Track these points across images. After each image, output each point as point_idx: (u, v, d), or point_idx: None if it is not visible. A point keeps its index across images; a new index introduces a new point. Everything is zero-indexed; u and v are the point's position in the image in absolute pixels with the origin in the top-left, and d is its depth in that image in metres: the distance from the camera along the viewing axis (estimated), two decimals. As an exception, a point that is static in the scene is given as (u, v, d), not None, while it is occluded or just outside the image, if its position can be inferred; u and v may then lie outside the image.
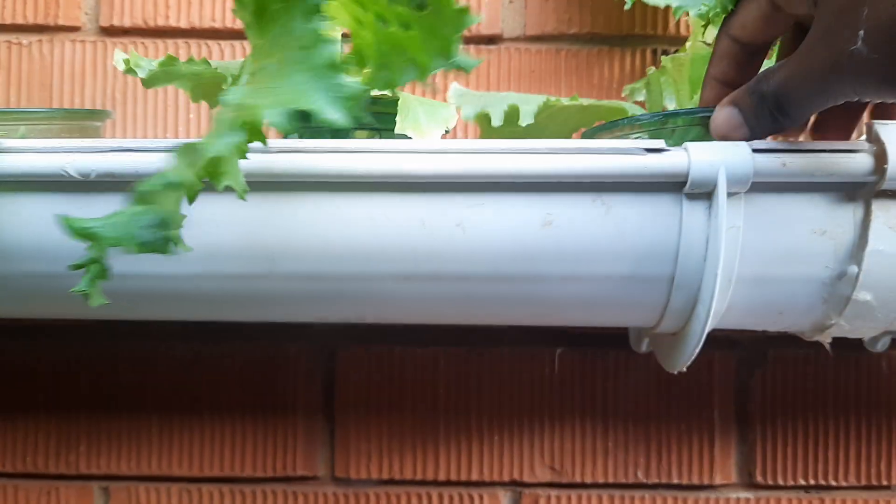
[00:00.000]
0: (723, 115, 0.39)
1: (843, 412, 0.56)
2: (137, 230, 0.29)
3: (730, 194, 0.39)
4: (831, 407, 0.56)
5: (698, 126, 0.43)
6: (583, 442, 0.57)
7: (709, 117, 0.43)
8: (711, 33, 0.48)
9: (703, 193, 0.39)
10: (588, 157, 0.39)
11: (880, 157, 0.39)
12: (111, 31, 0.58)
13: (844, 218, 0.40)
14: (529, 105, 0.46)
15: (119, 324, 0.56)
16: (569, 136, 0.50)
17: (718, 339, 0.56)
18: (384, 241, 0.40)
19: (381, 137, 0.43)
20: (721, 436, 0.57)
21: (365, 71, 0.38)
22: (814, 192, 0.40)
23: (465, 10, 0.34)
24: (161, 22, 0.58)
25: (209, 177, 0.32)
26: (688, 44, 0.51)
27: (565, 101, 0.46)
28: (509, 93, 0.51)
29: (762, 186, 0.39)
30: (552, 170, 0.39)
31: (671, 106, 0.51)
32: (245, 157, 0.32)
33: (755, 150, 0.39)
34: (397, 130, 0.39)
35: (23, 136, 0.41)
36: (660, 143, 0.39)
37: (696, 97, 0.49)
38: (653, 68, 0.51)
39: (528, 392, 0.57)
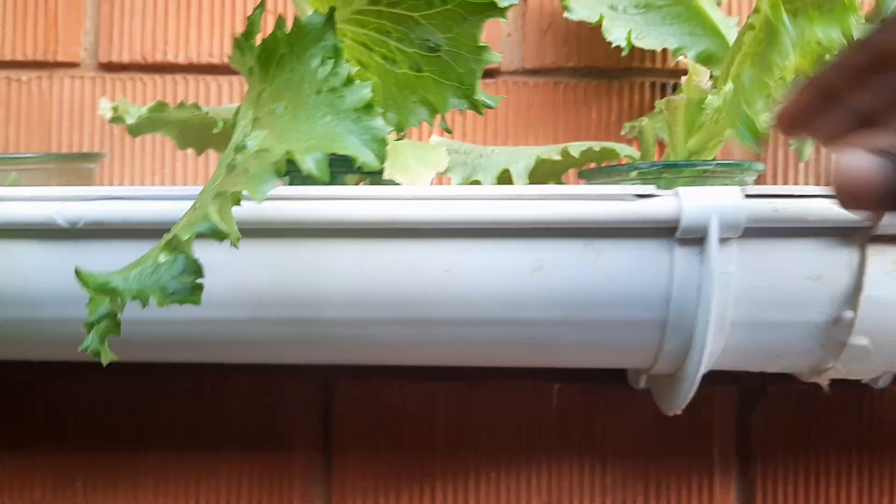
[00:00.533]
0: (862, 167, 0.27)
1: (844, 448, 0.56)
2: (166, 281, 0.29)
3: (722, 239, 0.39)
4: (833, 443, 0.56)
5: (698, 178, 0.43)
6: (581, 479, 0.56)
7: (708, 169, 0.42)
8: (706, 75, 0.48)
9: (696, 239, 0.39)
10: (578, 202, 0.39)
11: (875, 202, 0.38)
12: (110, 67, 0.58)
13: (839, 263, 0.39)
14: (520, 164, 0.46)
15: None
16: (560, 176, 0.50)
17: (718, 375, 0.55)
18: (373, 287, 0.39)
19: (371, 182, 0.43)
20: (721, 472, 0.56)
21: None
22: (808, 238, 0.39)
23: (486, 47, 0.34)
24: (159, 58, 0.58)
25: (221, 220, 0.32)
26: (682, 79, 0.50)
27: (556, 156, 0.46)
28: (494, 147, 0.51)
29: (755, 231, 0.39)
30: (542, 216, 0.39)
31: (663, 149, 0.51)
32: (239, 205, 0.32)
33: (747, 196, 0.38)
34: (386, 176, 0.39)
35: (14, 182, 0.41)
36: (650, 189, 0.39)
37: (692, 141, 0.48)
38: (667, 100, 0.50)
39: (527, 428, 0.56)
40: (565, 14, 0.53)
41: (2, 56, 0.58)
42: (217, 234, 0.29)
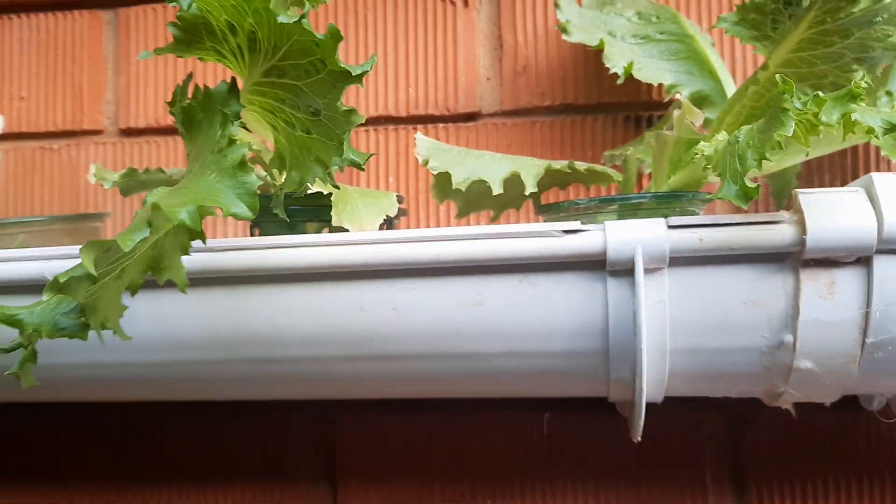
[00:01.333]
0: None
1: (841, 469, 0.55)
2: (58, 317, 0.33)
3: (649, 269, 0.40)
4: (829, 465, 0.55)
5: (638, 210, 0.44)
6: (573, 506, 0.57)
7: (646, 202, 0.44)
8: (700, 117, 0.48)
9: (625, 270, 0.40)
10: (511, 240, 0.41)
11: (801, 226, 0.39)
12: (129, 132, 0.64)
13: (774, 288, 0.40)
14: (530, 170, 0.46)
15: (108, 403, 0.61)
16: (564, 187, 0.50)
17: (707, 401, 0.56)
18: (325, 327, 0.42)
19: (330, 228, 0.46)
20: (715, 497, 0.56)
21: (285, 173, 0.41)
22: (739, 264, 0.40)
23: (351, 111, 0.37)
24: (171, 121, 0.63)
25: (152, 271, 0.36)
26: (675, 114, 0.50)
27: (564, 168, 0.46)
28: (483, 152, 0.50)
29: (685, 261, 0.40)
30: (478, 253, 0.41)
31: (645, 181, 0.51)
32: (187, 254, 0.36)
33: (671, 227, 0.40)
34: (334, 223, 0.42)
35: (21, 245, 0.47)
36: (576, 224, 0.40)
37: (674, 178, 0.49)
38: (657, 133, 0.50)
39: (519, 456, 0.58)
40: (563, 36, 0.53)
41: (35, 128, 0.65)
42: (90, 280, 0.32)
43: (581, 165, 0.49)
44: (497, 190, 0.45)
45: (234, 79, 0.34)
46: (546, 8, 0.60)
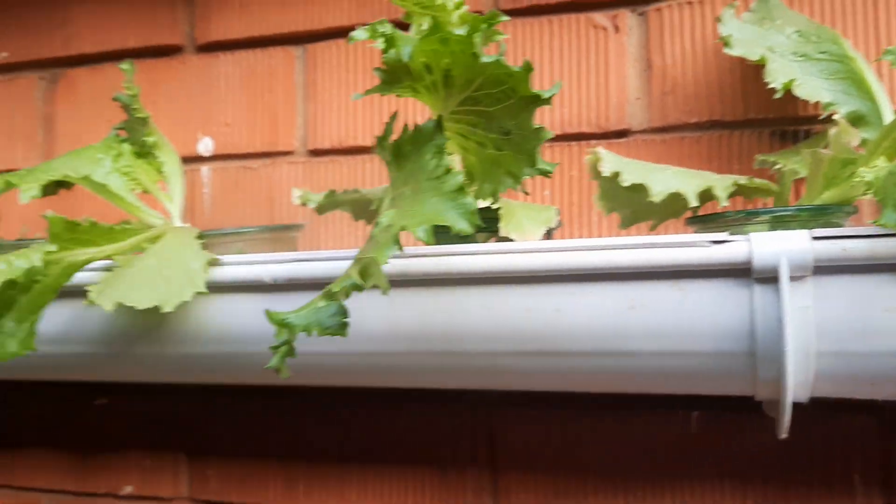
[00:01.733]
0: None
1: None
2: (321, 319, 0.40)
3: (794, 277, 0.43)
4: (985, 475, 0.55)
5: (787, 222, 0.47)
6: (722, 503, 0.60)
7: (790, 214, 0.47)
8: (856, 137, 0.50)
9: (770, 277, 0.44)
10: (663, 250, 0.46)
11: (945, 238, 0.41)
12: (317, 153, 0.73)
13: (917, 295, 0.42)
14: (692, 184, 0.50)
15: (305, 389, 0.69)
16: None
17: (858, 403, 0.58)
18: (496, 325, 0.49)
19: (497, 238, 0.52)
20: (864, 499, 0.57)
21: (474, 186, 0.48)
22: (882, 273, 0.43)
23: (541, 128, 0.43)
24: (351, 142, 0.72)
25: (362, 278, 0.43)
26: (832, 132, 0.53)
27: (727, 183, 0.50)
28: (661, 165, 0.54)
29: (830, 269, 0.43)
30: (633, 262, 0.46)
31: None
32: (386, 263, 0.43)
33: (815, 238, 0.43)
34: (501, 234, 0.48)
35: (240, 251, 0.56)
36: (724, 235, 0.45)
37: (827, 194, 0.51)
38: (813, 151, 0.52)
39: (667, 454, 0.62)
40: (725, 49, 0.56)
41: (238, 149, 0.75)
42: (357, 288, 0.40)
43: (758, 181, 0.52)
44: (693, 203, 0.49)
45: (440, 117, 0.41)
46: (693, 31, 0.64)
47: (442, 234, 0.54)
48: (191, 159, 0.77)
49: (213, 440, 0.73)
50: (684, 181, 0.50)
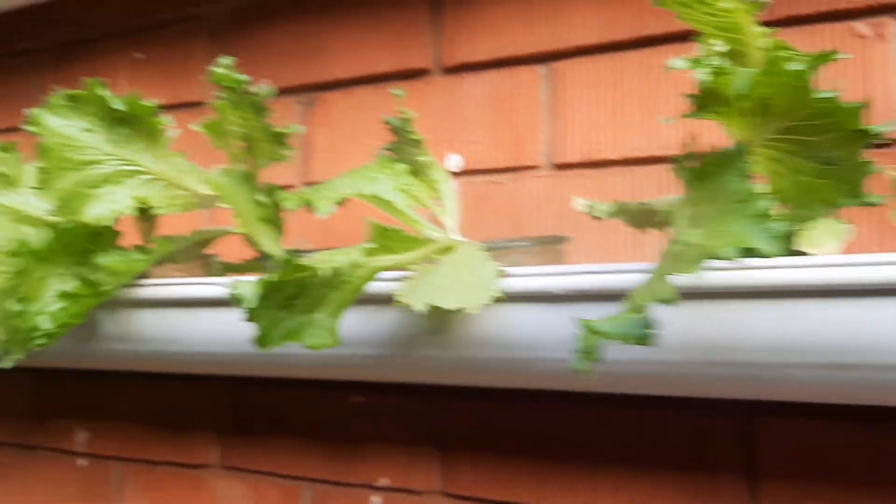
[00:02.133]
0: None
1: None
2: (631, 328, 0.43)
3: None
4: None
5: None
6: None
7: None
8: None
9: None
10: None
11: None
12: (562, 167, 0.77)
13: None
14: None
15: (566, 393, 0.72)
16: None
17: None
18: (790, 337, 0.49)
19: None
20: None
21: (780, 208, 0.49)
22: None
23: (868, 162, 0.44)
24: (596, 156, 0.75)
25: (665, 292, 0.46)
26: None
27: None
28: None
29: None
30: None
31: None
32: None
33: None
34: (794, 247, 0.49)
35: (516, 263, 0.59)
36: None
37: None
38: None
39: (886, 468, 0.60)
40: None
41: (484, 165, 0.80)
42: (664, 301, 0.42)
43: None
44: None
45: (742, 143, 0.43)
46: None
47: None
48: (441, 175, 0.82)
49: (465, 438, 0.78)
50: None
